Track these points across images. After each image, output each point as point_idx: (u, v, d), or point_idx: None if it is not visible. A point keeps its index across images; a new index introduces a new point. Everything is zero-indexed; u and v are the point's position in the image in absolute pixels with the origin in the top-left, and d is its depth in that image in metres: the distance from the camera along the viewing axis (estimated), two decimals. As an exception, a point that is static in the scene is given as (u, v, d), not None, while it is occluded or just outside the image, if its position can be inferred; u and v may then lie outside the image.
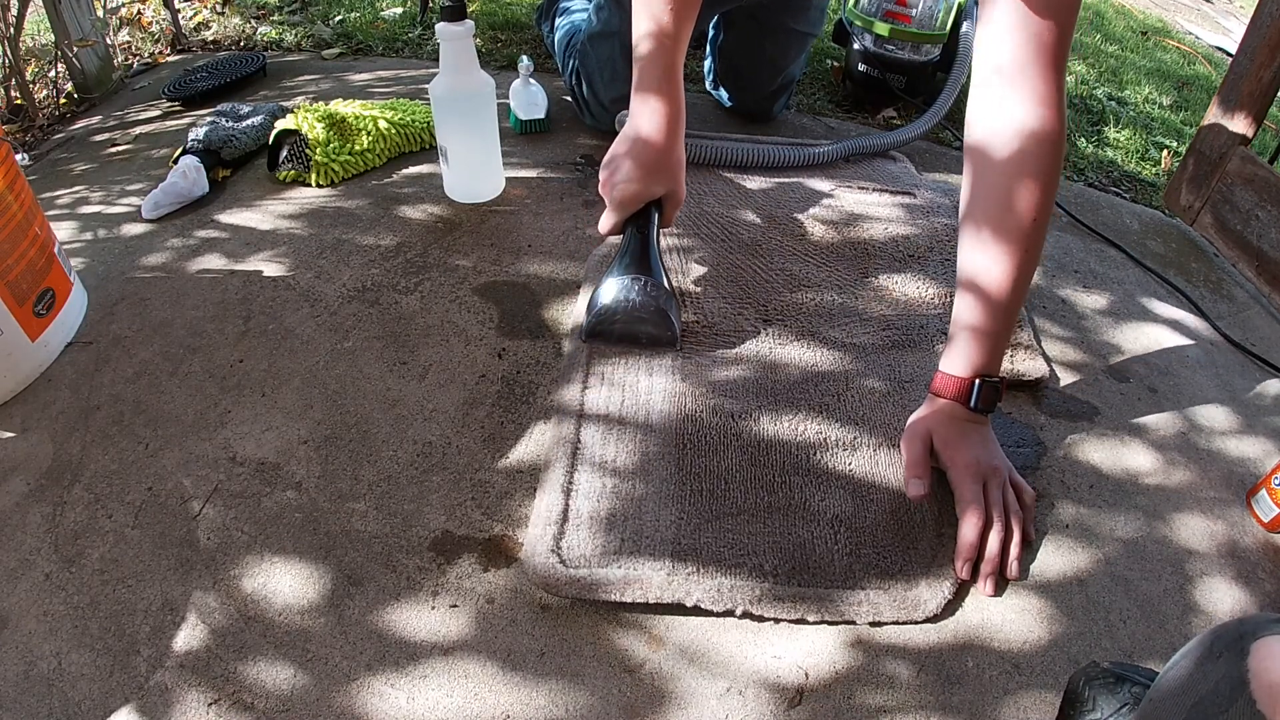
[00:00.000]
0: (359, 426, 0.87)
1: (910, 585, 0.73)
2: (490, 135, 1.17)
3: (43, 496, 0.79)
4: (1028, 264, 0.77)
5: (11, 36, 1.42)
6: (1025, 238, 0.75)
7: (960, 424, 0.81)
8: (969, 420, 0.81)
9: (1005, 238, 0.76)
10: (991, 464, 0.80)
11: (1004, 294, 0.77)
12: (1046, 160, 0.74)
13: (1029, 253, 0.76)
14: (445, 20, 1.05)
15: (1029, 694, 0.68)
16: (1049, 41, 0.72)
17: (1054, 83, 0.74)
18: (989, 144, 0.77)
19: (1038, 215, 0.75)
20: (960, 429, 0.81)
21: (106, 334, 0.97)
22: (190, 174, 1.19)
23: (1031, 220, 0.75)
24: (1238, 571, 0.79)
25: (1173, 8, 2.98)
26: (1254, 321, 1.14)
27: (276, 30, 1.83)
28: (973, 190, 0.79)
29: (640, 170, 0.91)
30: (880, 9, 1.47)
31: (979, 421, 0.82)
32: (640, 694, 0.66)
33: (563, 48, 1.40)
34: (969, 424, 0.81)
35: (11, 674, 0.66)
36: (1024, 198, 0.75)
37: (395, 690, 0.66)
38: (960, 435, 0.80)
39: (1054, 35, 0.72)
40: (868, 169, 1.34)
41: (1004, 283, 0.76)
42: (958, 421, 0.81)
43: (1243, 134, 1.21)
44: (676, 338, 0.94)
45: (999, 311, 0.78)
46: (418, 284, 1.05)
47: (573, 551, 0.73)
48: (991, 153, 0.77)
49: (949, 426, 0.81)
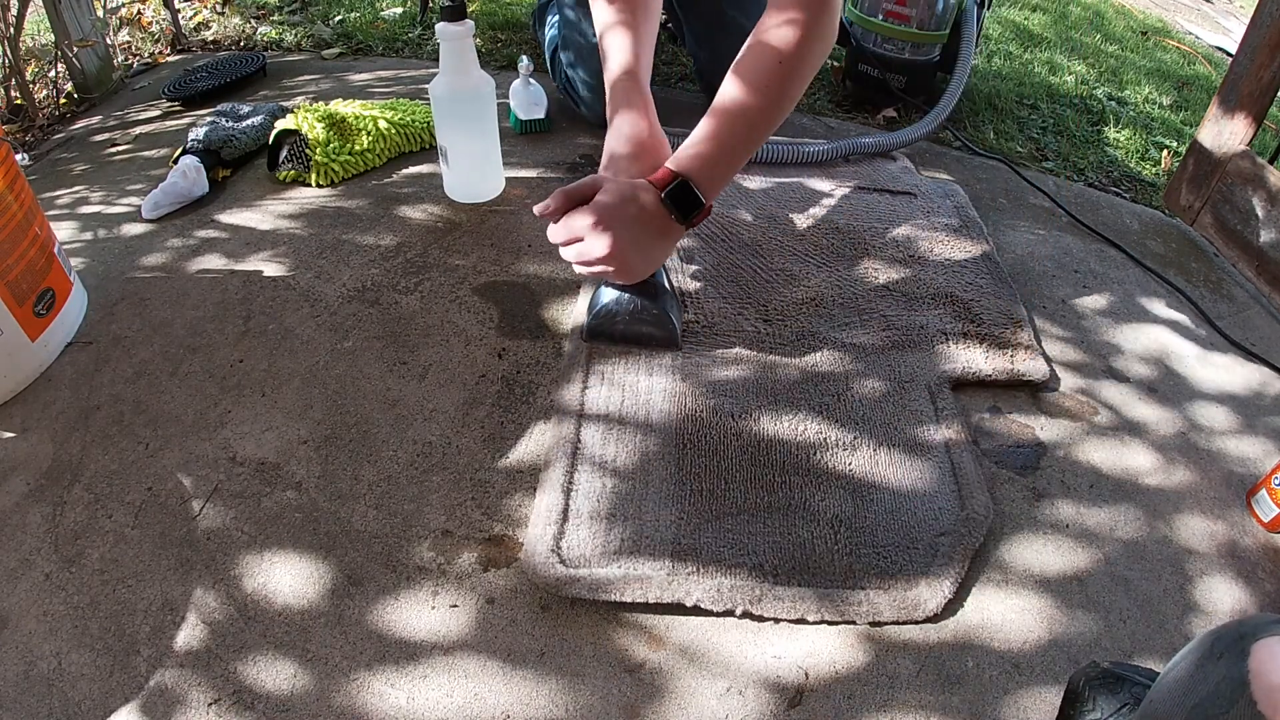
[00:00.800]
0: (359, 426, 0.87)
1: (910, 585, 0.73)
2: (490, 135, 1.17)
3: (43, 496, 0.79)
4: (765, 107, 0.81)
5: (11, 36, 1.42)
6: (765, 87, 0.80)
7: (644, 209, 0.80)
8: (662, 218, 0.81)
9: (748, 81, 0.81)
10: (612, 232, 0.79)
11: (736, 121, 0.81)
12: (790, 31, 0.80)
13: (767, 99, 0.81)
14: (445, 20, 1.05)
15: (1029, 694, 0.68)
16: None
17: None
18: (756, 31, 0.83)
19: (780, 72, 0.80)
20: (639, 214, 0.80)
21: (106, 334, 0.97)
22: (190, 174, 1.19)
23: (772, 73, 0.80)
24: (1238, 571, 0.79)
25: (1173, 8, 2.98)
26: (1254, 321, 1.14)
27: (276, 30, 1.83)
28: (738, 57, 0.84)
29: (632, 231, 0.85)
30: (880, 9, 1.47)
31: (666, 224, 0.81)
32: (640, 694, 0.66)
33: (551, 48, 1.41)
34: (657, 220, 0.81)
35: (11, 674, 0.66)
36: (769, 53, 0.81)
37: (395, 690, 0.66)
38: (621, 202, 0.79)
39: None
40: (868, 169, 1.34)
41: (737, 113, 0.81)
42: (649, 208, 0.80)
43: (1243, 134, 1.21)
44: (677, 339, 0.94)
45: (724, 132, 0.81)
46: (418, 284, 1.05)
47: (573, 551, 0.73)
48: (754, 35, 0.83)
49: (635, 210, 0.80)
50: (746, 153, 0.84)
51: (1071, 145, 1.55)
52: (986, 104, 1.64)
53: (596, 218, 0.79)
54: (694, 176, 0.80)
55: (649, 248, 0.83)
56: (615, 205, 0.80)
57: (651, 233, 0.82)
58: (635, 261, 0.82)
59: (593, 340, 0.94)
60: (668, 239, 0.83)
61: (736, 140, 0.82)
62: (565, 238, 0.81)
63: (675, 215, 0.81)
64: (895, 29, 1.46)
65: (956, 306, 1.04)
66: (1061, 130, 1.60)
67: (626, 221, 0.80)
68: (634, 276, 0.85)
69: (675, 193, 0.80)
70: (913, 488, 0.82)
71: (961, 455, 0.85)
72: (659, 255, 0.85)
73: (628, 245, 0.80)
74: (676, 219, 0.81)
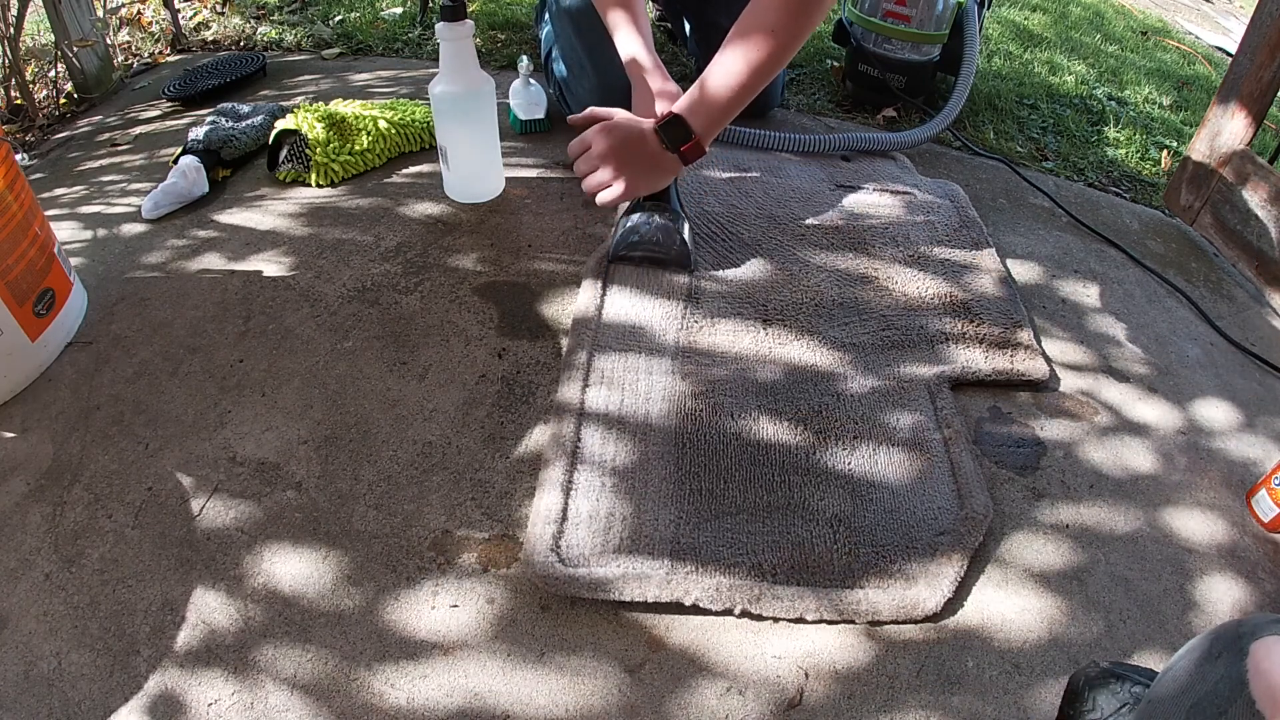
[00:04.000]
0: (359, 426, 0.87)
1: (909, 584, 0.73)
2: (490, 135, 1.17)
3: (43, 496, 0.79)
4: (760, 62, 0.93)
5: (11, 36, 1.42)
6: (761, 46, 0.92)
7: (643, 137, 0.96)
8: (656, 148, 0.96)
9: (746, 41, 0.93)
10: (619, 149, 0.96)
11: (732, 74, 0.93)
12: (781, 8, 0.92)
13: (762, 54, 0.92)
14: (445, 20, 1.05)
15: (1029, 694, 0.68)
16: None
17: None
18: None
19: (774, 33, 0.92)
20: (637, 141, 0.96)
21: (106, 334, 0.97)
22: (190, 174, 1.19)
23: (769, 33, 0.91)
24: (1238, 571, 0.79)
25: (1173, 8, 2.98)
26: (1254, 321, 1.14)
27: (276, 30, 1.83)
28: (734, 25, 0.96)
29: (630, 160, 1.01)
30: (880, 9, 1.47)
31: (659, 153, 0.97)
32: (640, 694, 0.66)
33: (546, 48, 1.41)
34: (652, 148, 0.96)
35: (11, 674, 0.66)
36: (764, 19, 0.92)
37: (395, 690, 0.66)
38: (629, 130, 0.97)
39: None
40: (868, 168, 1.34)
41: (736, 68, 0.93)
42: (646, 138, 0.96)
43: (1243, 134, 1.21)
44: (689, 256, 1.06)
45: (721, 84, 0.94)
46: (418, 284, 1.05)
47: (572, 550, 0.73)
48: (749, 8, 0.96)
49: (634, 136, 0.97)
50: (742, 97, 0.96)
51: (1071, 145, 1.55)
52: (986, 104, 1.64)
53: (606, 143, 0.98)
54: (686, 115, 0.95)
55: (647, 171, 0.99)
56: (621, 129, 0.98)
57: (646, 157, 0.98)
58: (633, 181, 0.99)
59: (616, 263, 1.07)
60: (661, 165, 0.99)
61: (730, 84, 0.94)
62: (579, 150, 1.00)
63: (667, 145, 0.96)
64: (895, 29, 1.46)
65: (956, 306, 1.04)
66: (1061, 130, 1.60)
67: (629, 146, 0.98)
68: (634, 193, 1.00)
69: (665, 127, 0.95)
70: (912, 487, 0.82)
71: (961, 455, 0.85)
72: (656, 178, 1.01)
73: (626, 164, 0.98)
74: (669, 149, 0.96)
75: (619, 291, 1.02)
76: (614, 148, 0.97)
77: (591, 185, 1.00)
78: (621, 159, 0.98)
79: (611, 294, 1.02)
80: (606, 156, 0.98)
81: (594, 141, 0.98)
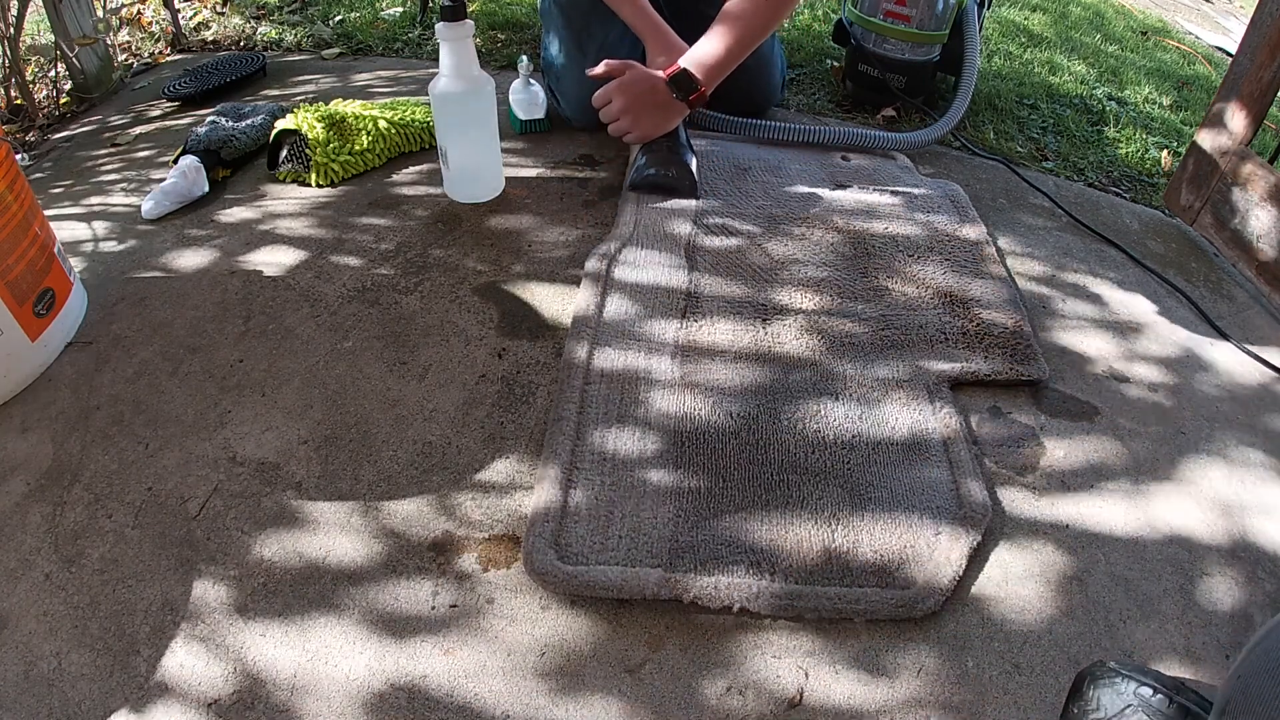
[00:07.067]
0: (359, 426, 0.87)
1: (908, 584, 0.73)
2: (490, 135, 1.17)
3: (43, 496, 0.79)
4: (755, 19, 1.15)
5: (11, 36, 1.42)
6: (757, 3, 1.15)
7: (655, 88, 1.16)
8: (666, 96, 1.16)
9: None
10: (638, 104, 1.17)
11: (728, 30, 1.15)
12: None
13: (758, 10, 1.15)
14: (445, 20, 1.05)
15: (1029, 694, 0.68)
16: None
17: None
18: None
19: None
20: (650, 91, 1.16)
21: (106, 334, 0.97)
22: (190, 174, 1.19)
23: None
24: (1238, 571, 0.79)
25: (1173, 8, 2.98)
26: (1254, 321, 1.14)
27: (276, 30, 1.83)
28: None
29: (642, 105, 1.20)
30: (880, 9, 1.47)
31: (669, 100, 1.17)
32: (640, 694, 0.66)
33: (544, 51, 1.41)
34: (662, 96, 1.16)
35: (11, 674, 0.66)
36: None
37: (395, 690, 0.66)
38: (643, 82, 1.16)
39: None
40: (868, 168, 1.34)
41: (729, 23, 1.15)
42: (658, 88, 1.16)
43: (1243, 134, 1.21)
44: (696, 185, 1.20)
45: (717, 38, 1.15)
46: (418, 284, 1.05)
47: (571, 549, 0.73)
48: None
49: (647, 87, 1.16)
50: (739, 53, 1.16)
51: (1071, 145, 1.55)
52: (986, 104, 1.64)
53: (624, 98, 1.17)
54: (692, 69, 1.14)
55: (658, 117, 1.19)
56: (636, 83, 1.17)
57: (659, 105, 1.18)
58: (647, 124, 1.19)
59: (634, 191, 1.20)
60: (671, 110, 1.18)
61: (729, 42, 1.15)
62: (602, 101, 1.20)
63: (677, 95, 1.16)
64: (895, 29, 1.46)
65: (956, 306, 1.04)
66: (1061, 130, 1.60)
67: (643, 96, 1.17)
68: (648, 135, 1.20)
69: (678, 79, 1.15)
70: (911, 486, 0.82)
71: (960, 454, 0.85)
72: (667, 121, 1.20)
73: (641, 111, 1.18)
74: (678, 98, 1.16)
75: (619, 291, 1.02)
76: (631, 100, 1.17)
77: (615, 131, 1.21)
78: (638, 108, 1.17)
79: (611, 293, 1.02)
80: (626, 109, 1.18)
81: (614, 97, 1.18)
